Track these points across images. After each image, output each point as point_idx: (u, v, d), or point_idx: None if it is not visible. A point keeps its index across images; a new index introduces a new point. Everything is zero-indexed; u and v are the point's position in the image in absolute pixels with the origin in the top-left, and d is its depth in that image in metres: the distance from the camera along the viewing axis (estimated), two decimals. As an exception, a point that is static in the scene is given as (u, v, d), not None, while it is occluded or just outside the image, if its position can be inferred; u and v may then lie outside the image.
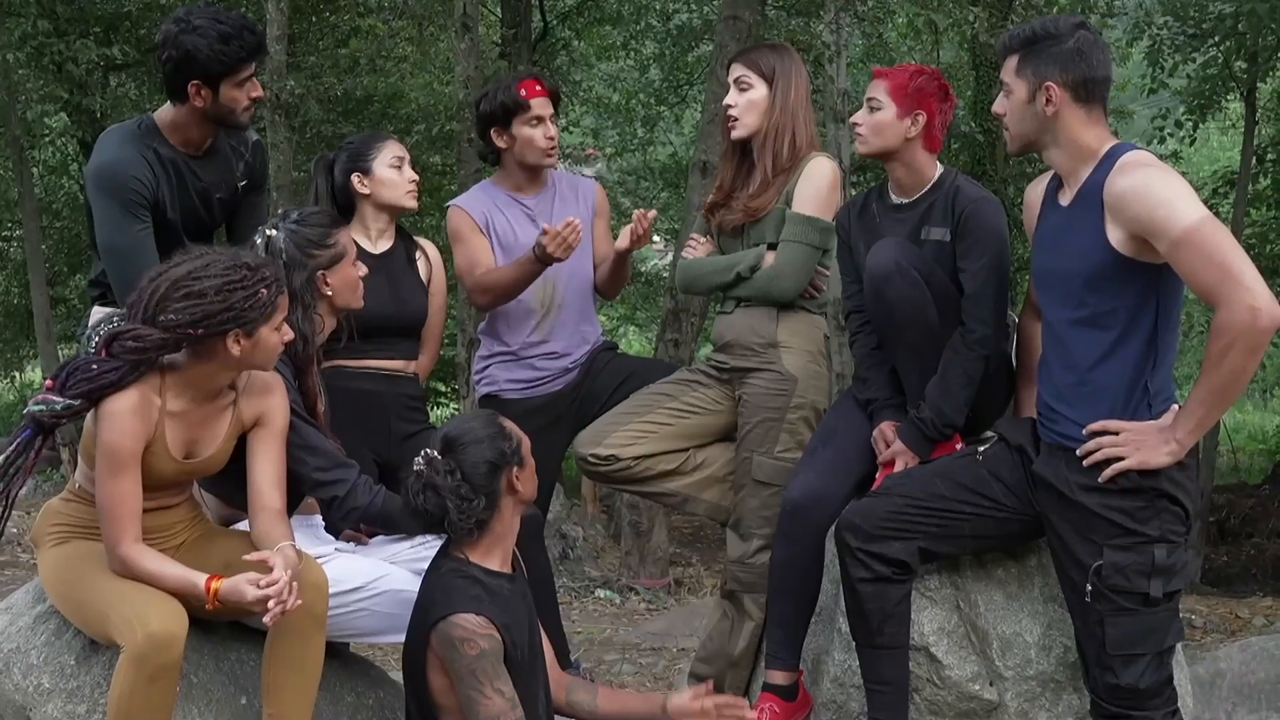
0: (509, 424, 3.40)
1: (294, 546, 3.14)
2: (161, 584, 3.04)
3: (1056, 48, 3.11)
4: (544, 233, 3.97)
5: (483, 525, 3.29)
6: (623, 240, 4.19)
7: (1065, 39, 3.11)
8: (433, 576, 3.31)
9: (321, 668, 3.18)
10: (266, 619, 2.98)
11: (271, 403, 3.29)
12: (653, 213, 4.24)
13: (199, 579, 3.04)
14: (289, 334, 3.21)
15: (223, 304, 3.02)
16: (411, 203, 4.01)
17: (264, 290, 3.08)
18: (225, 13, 3.78)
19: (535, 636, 3.44)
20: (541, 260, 4.00)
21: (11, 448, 3.12)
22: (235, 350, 3.08)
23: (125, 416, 3.01)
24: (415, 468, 3.29)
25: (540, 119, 4.22)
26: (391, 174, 3.97)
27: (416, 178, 4.03)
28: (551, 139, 4.25)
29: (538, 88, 4.24)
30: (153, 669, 2.90)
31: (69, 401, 3.02)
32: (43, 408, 3.04)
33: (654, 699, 3.70)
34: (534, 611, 3.47)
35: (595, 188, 4.49)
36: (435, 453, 3.28)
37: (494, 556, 3.33)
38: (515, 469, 3.32)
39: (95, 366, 3.01)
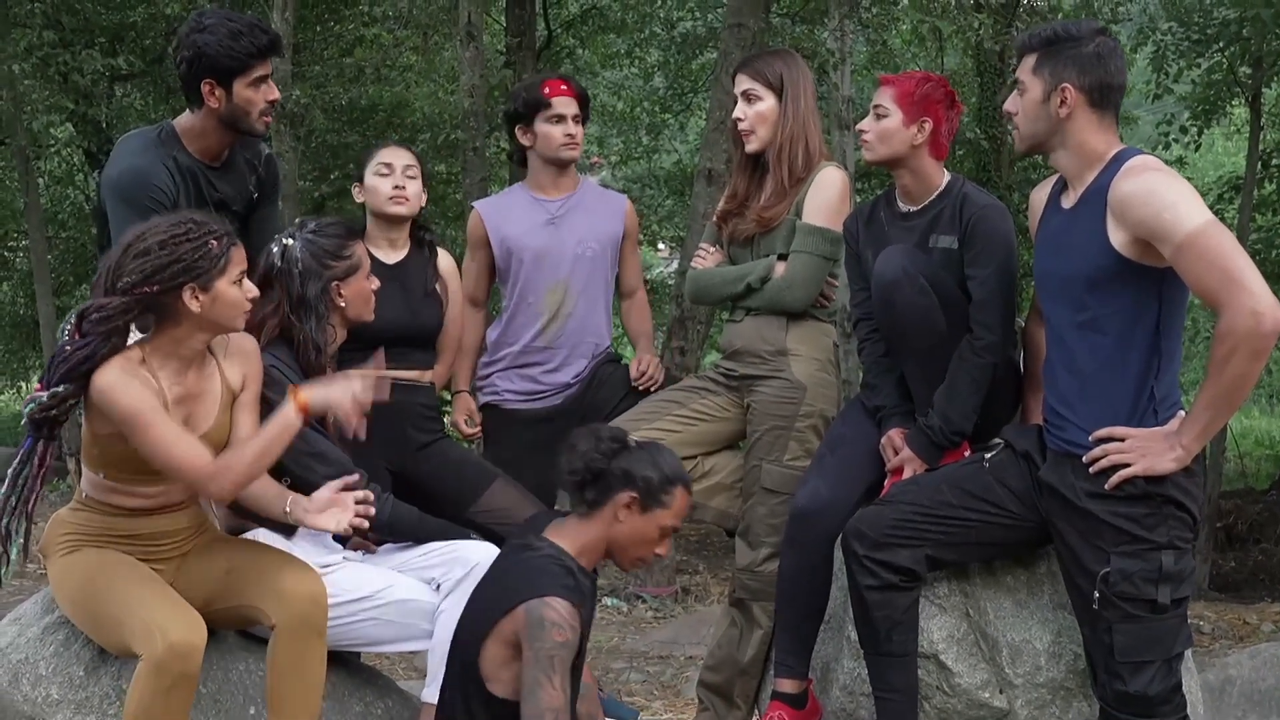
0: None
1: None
2: (269, 452, 3.11)
3: (1076, 50, 3.11)
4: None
5: (592, 507, 3.30)
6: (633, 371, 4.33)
7: (1085, 43, 3.12)
8: (527, 554, 3.28)
9: (324, 677, 3.17)
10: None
11: (251, 361, 3.31)
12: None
13: (287, 407, 3.12)
14: (252, 290, 3.19)
15: (171, 257, 3.03)
16: (394, 209, 3.97)
17: (214, 241, 3.08)
18: (238, 14, 3.80)
19: (584, 645, 3.44)
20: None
21: (17, 459, 3.14)
22: (194, 306, 3.07)
23: (121, 379, 3.02)
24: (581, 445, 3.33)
25: (561, 117, 4.25)
26: (375, 181, 3.96)
27: (404, 184, 3.98)
28: (570, 135, 4.27)
29: (562, 87, 4.28)
30: (172, 679, 2.90)
31: (54, 390, 3.04)
32: (32, 405, 3.06)
33: None
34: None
35: (625, 205, 4.50)
36: (611, 441, 3.33)
37: (585, 557, 3.31)
38: (633, 496, 3.29)
39: (68, 348, 3.04)
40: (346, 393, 3.14)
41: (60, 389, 3.04)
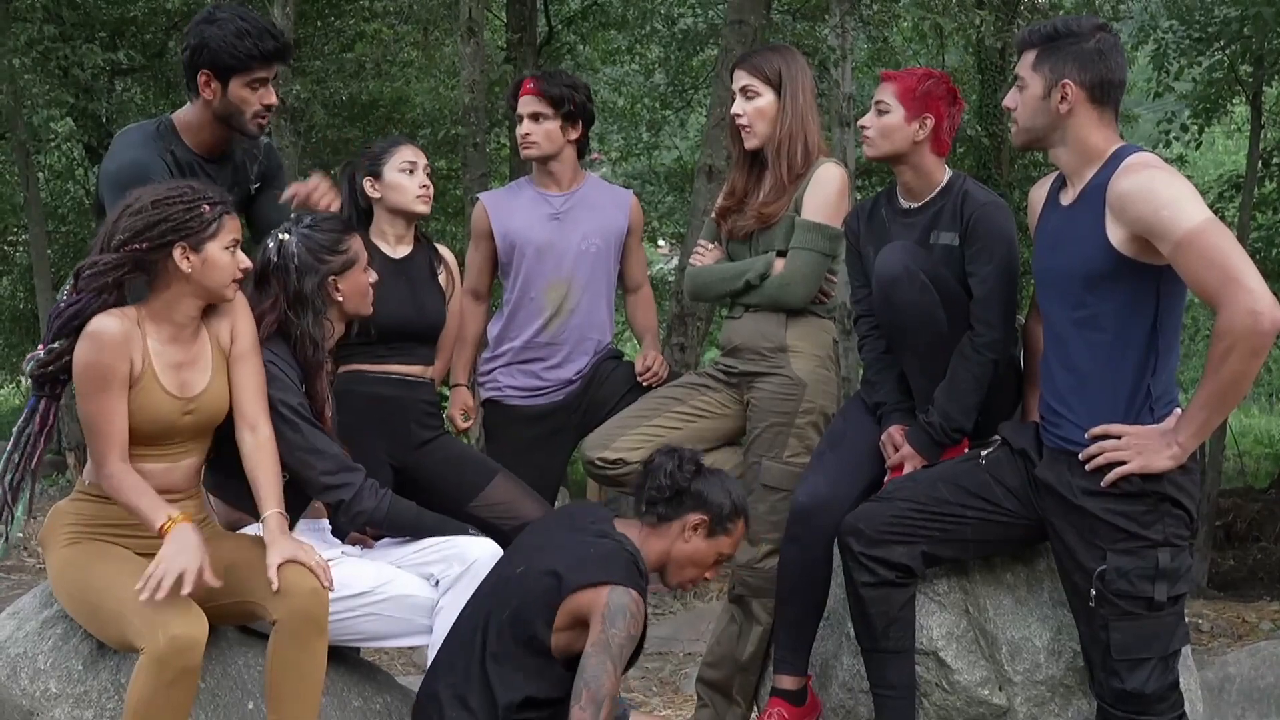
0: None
1: (281, 513, 3.21)
2: (134, 509, 3.06)
3: (1076, 46, 3.11)
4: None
5: (661, 520, 3.41)
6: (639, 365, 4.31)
7: (1086, 39, 3.11)
8: (609, 542, 3.34)
9: (324, 673, 3.17)
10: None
11: (236, 315, 3.32)
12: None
13: (158, 518, 3.02)
14: (244, 261, 3.22)
15: (162, 215, 3.08)
16: (421, 207, 3.97)
17: (206, 206, 3.13)
18: (254, 15, 3.77)
19: None
20: None
21: (21, 418, 3.19)
22: (185, 266, 3.11)
23: (103, 334, 3.05)
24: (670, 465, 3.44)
25: (522, 118, 4.25)
26: (400, 178, 3.95)
27: (428, 183, 3.99)
28: (525, 135, 4.26)
29: (528, 86, 4.27)
30: (174, 673, 2.91)
31: (50, 346, 3.08)
32: (32, 364, 3.11)
33: None
34: None
35: (631, 200, 4.49)
36: (691, 462, 3.45)
37: (649, 562, 3.40)
38: (703, 519, 3.41)
39: (63, 304, 3.08)
40: (184, 563, 2.94)
41: (56, 345, 3.08)
